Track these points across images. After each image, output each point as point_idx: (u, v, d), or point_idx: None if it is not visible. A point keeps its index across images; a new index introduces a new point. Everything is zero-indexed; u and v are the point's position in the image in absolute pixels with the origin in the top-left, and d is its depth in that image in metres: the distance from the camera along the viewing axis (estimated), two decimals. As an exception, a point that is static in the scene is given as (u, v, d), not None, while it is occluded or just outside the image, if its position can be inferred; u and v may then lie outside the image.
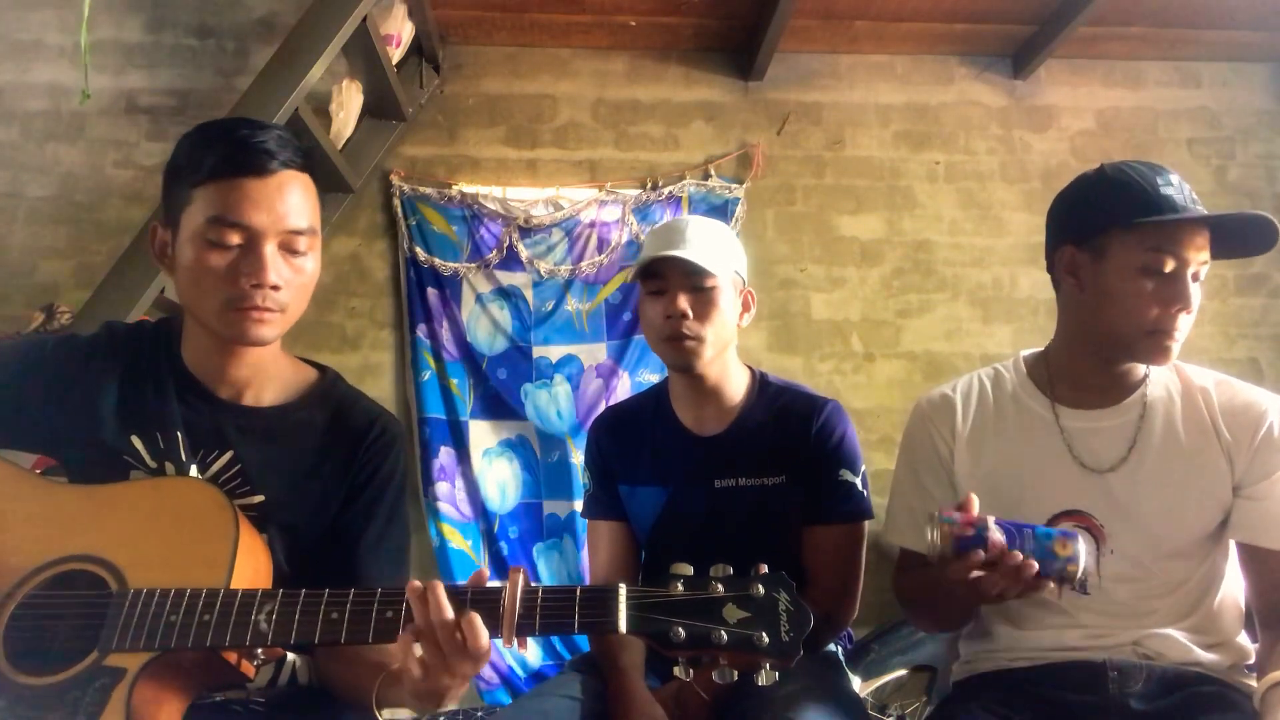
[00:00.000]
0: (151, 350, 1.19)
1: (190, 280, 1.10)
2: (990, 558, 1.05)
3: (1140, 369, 1.33)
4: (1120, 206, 1.24)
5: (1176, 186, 1.23)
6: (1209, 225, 1.22)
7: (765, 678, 0.90)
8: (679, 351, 1.46)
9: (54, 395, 1.14)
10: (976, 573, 1.06)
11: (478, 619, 0.90)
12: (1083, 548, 1.06)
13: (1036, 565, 1.05)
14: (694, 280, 1.45)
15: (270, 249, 1.08)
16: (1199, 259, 1.22)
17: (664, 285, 1.47)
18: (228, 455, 1.15)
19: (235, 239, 1.07)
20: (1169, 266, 1.21)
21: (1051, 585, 1.07)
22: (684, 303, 1.44)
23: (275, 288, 1.08)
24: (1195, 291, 1.23)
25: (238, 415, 1.18)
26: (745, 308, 1.55)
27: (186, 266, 1.09)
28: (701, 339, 1.45)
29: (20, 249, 3.24)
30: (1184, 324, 1.23)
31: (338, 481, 1.20)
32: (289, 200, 1.09)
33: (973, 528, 1.06)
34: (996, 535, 1.05)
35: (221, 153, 1.07)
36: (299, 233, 1.10)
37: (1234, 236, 1.23)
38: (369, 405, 1.28)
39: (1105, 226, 1.26)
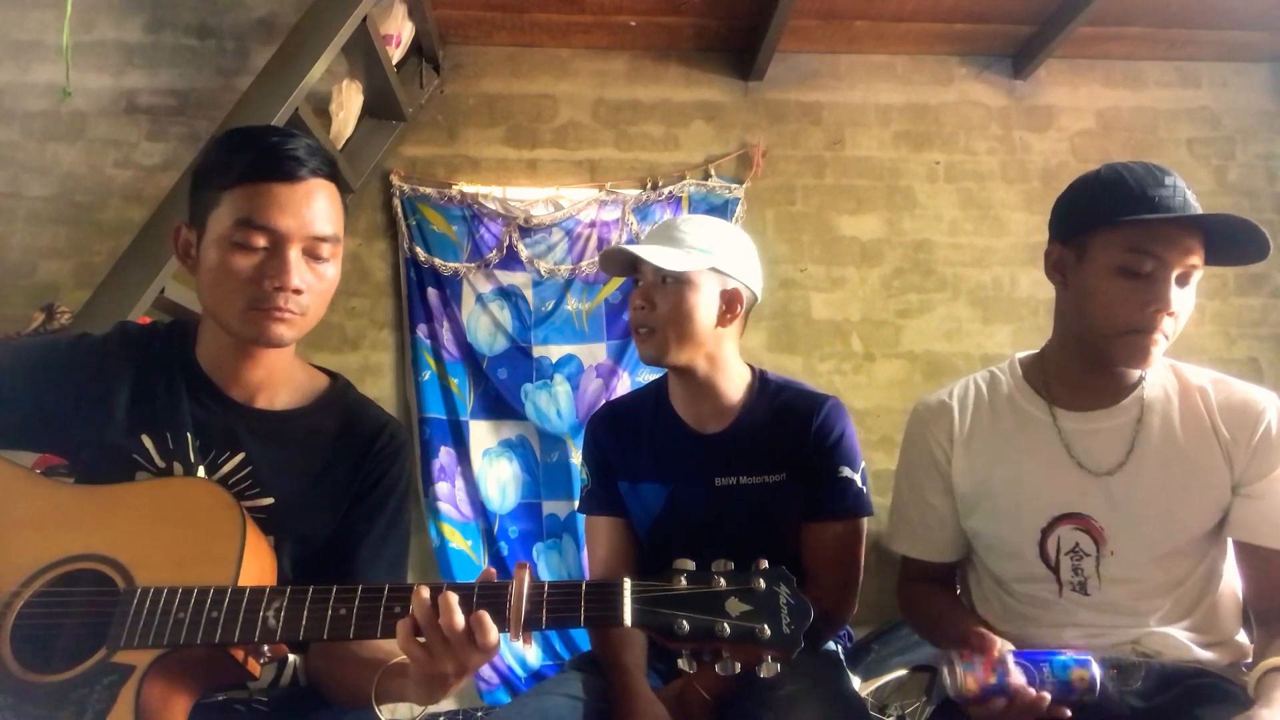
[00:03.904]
0: (165, 351, 1.20)
1: (214, 280, 1.11)
2: (1011, 703, 1.07)
3: (1136, 369, 1.33)
4: (1103, 206, 1.24)
5: (1170, 189, 1.21)
6: (1198, 228, 1.20)
7: (766, 670, 0.91)
8: (638, 342, 1.52)
9: (67, 395, 1.15)
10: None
11: (487, 617, 0.91)
12: (1097, 673, 1.09)
13: (1049, 698, 1.07)
14: (662, 273, 1.47)
15: (295, 253, 1.10)
16: (1186, 261, 1.20)
17: (640, 278, 1.52)
18: (239, 457, 1.16)
19: (261, 242, 1.09)
20: (1147, 267, 1.20)
21: (1069, 713, 1.09)
22: (645, 295, 1.49)
23: (297, 291, 1.11)
24: (1183, 295, 1.22)
25: (250, 418, 1.19)
26: (729, 308, 1.50)
27: (211, 267, 1.11)
28: (655, 331, 1.47)
29: (20, 249, 3.24)
30: (1167, 326, 1.22)
31: (345, 487, 1.21)
32: (315, 207, 1.12)
33: (994, 674, 1.08)
34: (1018, 680, 1.08)
35: (252, 157, 1.10)
36: (323, 239, 1.13)
37: (1227, 241, 1.21)
38: (377, 413, 1.29)
39: (1088, 225, 1.26)
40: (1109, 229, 1.23)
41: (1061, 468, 1.31)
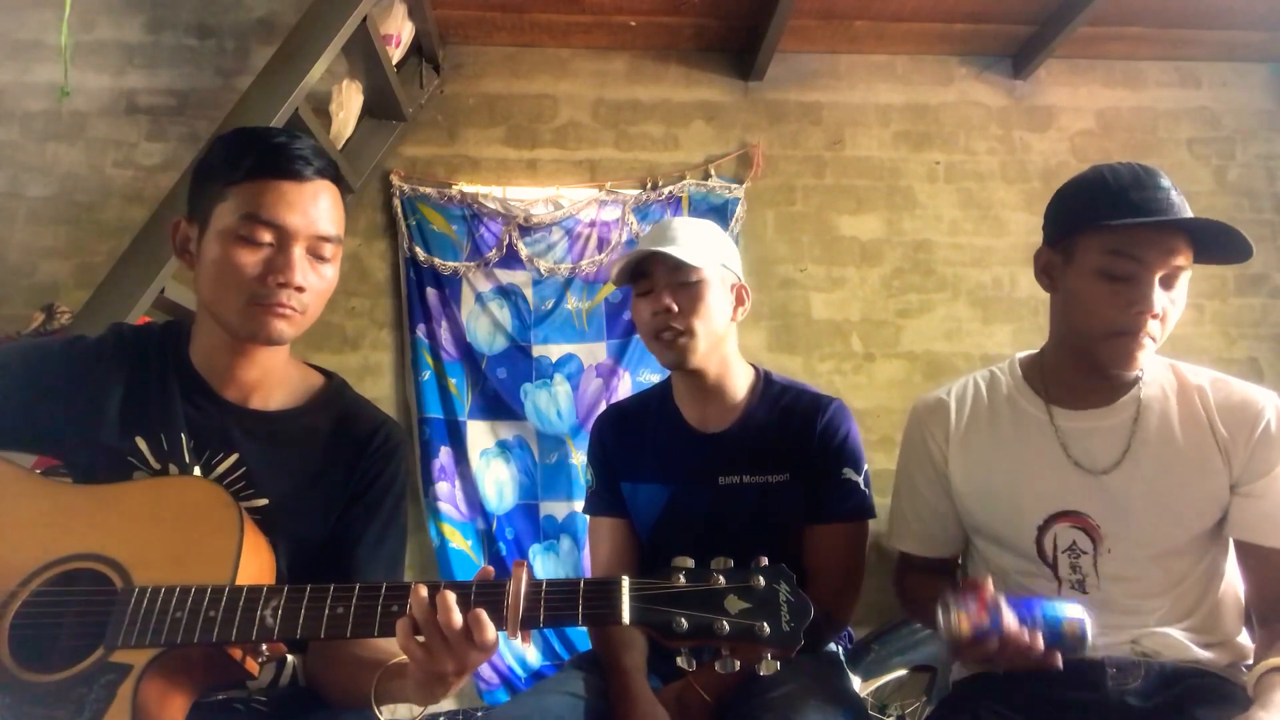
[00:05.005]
0: (158, 352, 1.19)
1: (215, 275, 1.11)
2: (1004, 643, 1.08)
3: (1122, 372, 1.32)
4: (1087, 209, 1.24)
5: (1155, 190, 1.21)
6: (1181, 229, 1.20)
7: (766, 667, 0.90)
8: (669, 348, 1.48)
9: (60, 397, 1.14)
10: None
11: (484, 615, 0.91)
12: (1089, 627, 1.11)
13: (1043, 643, 1.09)
14: (679, 276, 1.46)
15: (299, 251, 1.11)
16: (1169, 263, 1.20)
17: (651, 285, 1.49)
18: (233, 457, 1.16)
19: (267, 237, 1.10)
20: (1128, 270, 1.20)
21: (1059, 658, 1.11)
22: (668, 299, 1.46)
23: (300, 289, 1.11)
24: (1169, 296, 1.22)
25: (244, 418, 1.18)
26: (739, 302, 1.55)
27: (213, 260, 1.11)
28: (690, 333, 1.46)
29: (20, 249, 3.24)
30: (1153, 328, 1.21)
31: (341, 487, 1.21)
32: (320, 207, 1.13)
33: (988, 615, 1.09)
34: (1011, 623, 1.09)
35: (261, 155, 1.11)
36: (326, 239, 1.14)
37: (1213, 242, 1.21)
38: (373, 412, 1.29)
39: (1072, 229, 1.26)
40: (1091, 232, 1.23)
41: (1058, 466, 1.32)
